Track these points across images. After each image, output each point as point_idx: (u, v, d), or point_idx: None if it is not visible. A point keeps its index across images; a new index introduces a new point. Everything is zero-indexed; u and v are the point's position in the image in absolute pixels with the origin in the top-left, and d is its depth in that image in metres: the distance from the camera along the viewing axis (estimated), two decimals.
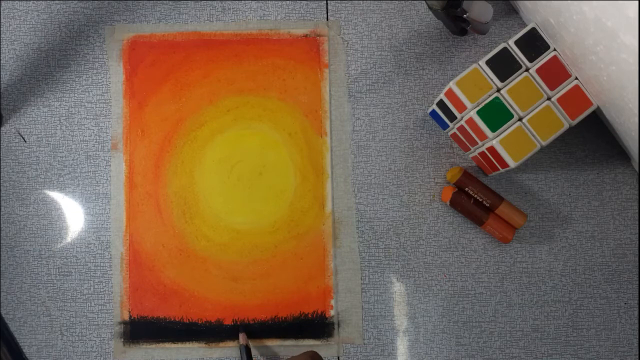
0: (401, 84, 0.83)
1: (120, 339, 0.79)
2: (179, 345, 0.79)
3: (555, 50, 0.72)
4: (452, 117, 0.76)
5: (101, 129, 0.83)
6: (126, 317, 0.80)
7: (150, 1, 0.84)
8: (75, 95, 0.83)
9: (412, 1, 0.84)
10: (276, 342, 0.79)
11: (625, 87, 0.63)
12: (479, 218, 0.78)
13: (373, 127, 0.82)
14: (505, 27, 0.84)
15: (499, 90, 0.72)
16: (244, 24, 0.84)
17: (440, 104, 0.77)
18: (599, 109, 0.73)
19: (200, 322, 0.80)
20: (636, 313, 0.79)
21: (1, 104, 0.83)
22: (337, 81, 0.83)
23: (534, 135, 0.71)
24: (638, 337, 0.79)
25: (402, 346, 0.79)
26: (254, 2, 0.84)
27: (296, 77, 0.83)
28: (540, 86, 0.72)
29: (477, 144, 0.75)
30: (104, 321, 0.80)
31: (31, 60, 0.84)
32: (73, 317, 0.80)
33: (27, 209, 0.82)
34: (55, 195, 0.82)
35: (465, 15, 0.72)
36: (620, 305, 0.80)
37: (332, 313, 0.79)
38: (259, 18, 0.84)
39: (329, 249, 0.80)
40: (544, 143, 0.71)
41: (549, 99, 0.72)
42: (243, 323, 0.79)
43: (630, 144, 0.76)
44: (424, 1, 0.84)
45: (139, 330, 0.79)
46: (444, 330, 0.80)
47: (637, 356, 0.79)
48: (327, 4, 0.84)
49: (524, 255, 0.81)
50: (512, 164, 0.71)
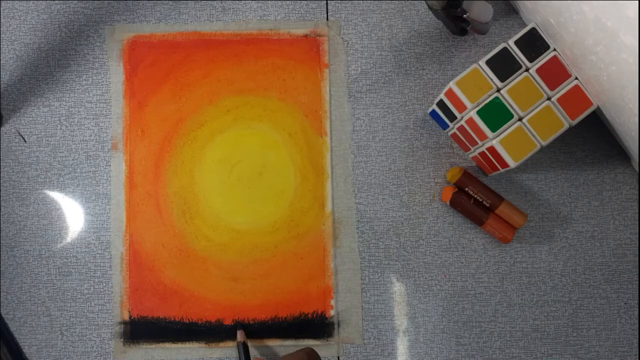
0: (401, 84, 0.83)
1: (120, 339, 0.79)
2: (179, 345, 0.79)
3: (555, 50, 0.72)
4: (452, 117, 0.76)
5: (101, 129, 0.83)
6: (126, 317, 0.80)
7: (150, 1, 0.84)
8: (75, 95, 0.83)
9: (412, 1, 0.84)
10: (276, 342, 0.79)
11: (625, 87, 0.63)
12: (479, 218, 0.78)
13: (373, 127, 0.82)
14: (505, 27, 0.84)
15: (499, 90, 0.72)
16: (244, 24, 0.84)
17: (440, 104, 0.77)
18: (599, 109, 0.73)
19: (200, 322, 0.80)
20: (636, 313, 0.79)
21: (1, 104, 0.83)
22: (337, 81, 0.83)
23: (534, 135, 0.71)
24: (638, 337, 0.79)
25: (402, 346, 0.79)
26: (254, 2, 0.84)
27: (296, 77, 0.83)
28: (540, 86, 0.72)
29: (477, 144, 0.75)
30: (104, 321, 0.80)
31: (31, 60, 0.84)
32: (73, 317, 0.80)
33: (27, 209, 0.82)
34: (55, 195, 0.82)
35: (465, 15, 0.72)
36: (620, 305, 0.80)
37: (332, 313, 0.79)
38: (259, 18, 0.84)
39: (329, 249, 0.80)
40: (544, 143, 0.71)
41: (549, 99, 0.72)
42: (240, 322, 0.79)
43: (630, 144, 0.76)
44: (424, 1, 0.84)
45: (139, 330, 0.79)
46: (444, 330, 0.80)
47: (637, 356, 0.79)
48: (327, 4, 0.84)
49: (524, 255, 0.81)
50: (512, 164, 0.71)
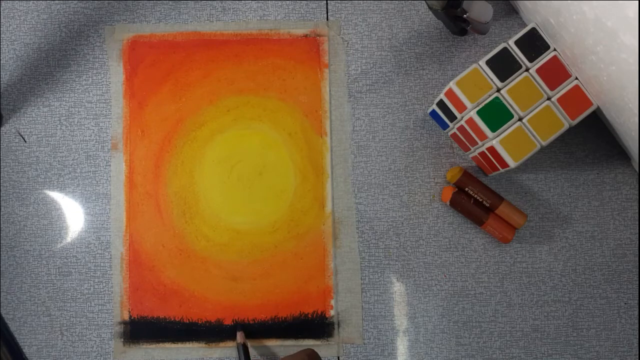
0: (401, 84, 0.83)
1: (120, 339, 0.79)
2: (179, 345, 0.79)
3: (555, 50, 0.72)
4: (452, 117, 0.76)
5: (101, 129, 0.83)
6: (126, 317, 0.80)
7: (150, 1, 0.84)
8: (75, 95, 0.83)
9: (412, 1, 0.84)
10: (276, 342, 0.79)
11: (625, 87, 0.63)
12: (479, 218, 0.78)
13: (373, 127, 0.82)
14: (505, 27, 0.84)
15: (499, 90, 0.72)
16: (244, 24, 0.84)
17: (440, 104, 0.77)
18: (599, 109, 0.73)
19: (200, 322, 0.80)
20: (636, 313, 0.79)
21: (1, 104, 0.83)
22: (337, 81, 0.83)
23: (534, 135, 0.71)
24: (638, 337, 0.79)
25: (402, 346, 0.79)
26: (254, 2, 0.84)
27: (296, 77, 0.83)
28: (540, 86, 0.72)
29: (477, 144, 0.75)
30: (104, 321, 0.80)
31: (31, 60, 0.84)
32: (73, 317, 0.80)
33: (27, 209, 0.82)
34: (55, 195, 0.82)
35: (465, 15, 0.72)
36: (620, 305, 0.80)
37: (332, 313, 0.79)
38: (259, 18, 0.84)
39: (329, 249, 0.80)
40: (544, 143, 0.71)
41: (549, 99, 0.72)
42: (240, 322, 0.79)
43: (630, 144, 0.76)
44: (424, 1, 0.84)
45: (139, 330, 0.79)
46: (444, 330, 0.79)
47: (637, 356, 0.79)
48: (327, 4, 0.84)
49: (524, 255, 0.81)
50: (512, 164, 0.71)
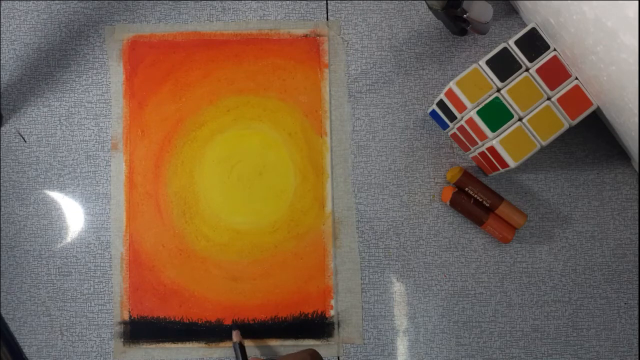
0: (401, 84, 0.83)
1: (120, 339, 0.79)
2: (179, 345, 0.79)
3: (555, 50, 0.72)
4: (452, 117, 0.76)
5: (101, 129, 0.83)
6: (126, 317, 0.80)
7: (150, 1, 0.84)
8: (75, 95, 0.83)
9: (412, 1, 0.84)
10: (276, 342, 0.79)
11: (625, 87, 0.63)
12: (479, 218, 0.78)
13: (373, 127, 0.82)
14: (505, 27, 0.84)
15: (499, 90, 0.72)
16: (244, 24, 0.84)
17: (440, 104, 0.77)
18: (599, 109, 0.73)
19: (200, 322, 0.80)
20: (636, 313, 0.79)
21: (1, 104, 0.83)
22: (337, 81, 0.83)
23: (534, 135, 0.71)
24: (638, 337, 0.79)
25: (402, 346, 0.79)
26: (254, 2, 0.84)
27: (296, 77, 0.83)
28: (540, 86, 0.72)
29: (477, 144, 0.75)
30: (104, 321, 0.80)
31: (31, 60, 0.84)
32: (73, 317, 0.80)
33: (27, 209, 0.82)
34: (55, 195, 0.82)
35: (465, 15, 0.72)
36: (620, 305, 0.80)
37: (332, 313, 0.79)
38: (259, 18, 0.84)
39: (329, 249, 0.80)
40: (544, 143, 0.71)
41: (549, 99, 0.72)
42: (238, 322, 0.79)
43: (630, 144, 0.76)
44: (424, 1, 0.84)
45: (139, 330, 0.79)
46: (444, 330, 0.79)
47: (637, 356, 0.79)
48: (327, 4, 0.84)
49: (524, 255, 0.81)
50: (512, 164, 0.71)
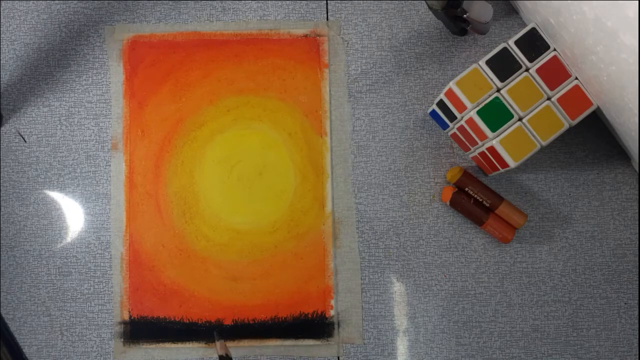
0: (401, 84, 0.83)
1: (120, 339, 0.79)
2: (179, 345, 0.79)
3: (555, 50, 0.72)
4: (452, 117, 0.76)
5: (101, 129, 0.83)
6: (126, 317, 0.80)
7: (150, 1, 0.84)
8: (75, 95, 0.83)
9: (412, 1, 0.84)
10: (276, 342, 0.79)
11: (625, 87, 0.63)
12: (479, 218, 0.78)
13: (373, 127, 0.82)
14: (505, 27, 0.84)
15: (499, 90, 0.72)
16: (244, 24, 0.84)
17: (440, 104, 0.77)
18: (599, 109, 0.73)
19: (200, 322, 0.80)
20: (636, 313, 0.79)
21: (1, 104, 0.83)
22: (337, 81, 0.83)
23: (534, 135, 0.71)
24: (638, 337, 0.79)
25: (402, 346, 0.79)
26: (254, 2, 0.84)
27: (296, 77, 0.83)
28: (540, 86, 0.72)
29: (477, 144, 0.75)
30: (104, 321, 0.80)
31: (31, 60, 0.84)
32: (73, 317, 0.80)
33: (27, 209, 0.82)
34: (55, 195, 0.82)
35: (465, 15, 0.72)
36: (620, 305, 0.80)
37: (332, 313, 0.79)
38: (259, 18, 0.84)
39: (329, 249, 0.80)
40: (544, 143, 0.71)
41: (549, 99, 0.72)
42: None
43: (630, 144, 0.76)
44: (424, 1, 0.84)
45: (139, 330, 0.79)
46: (444, 330, 0.79)
47: (637, 356, 0.79)
48: (327, 4, 0.84)
49: (524, 255, 0.81)
50: (512, 164, 0.71)
